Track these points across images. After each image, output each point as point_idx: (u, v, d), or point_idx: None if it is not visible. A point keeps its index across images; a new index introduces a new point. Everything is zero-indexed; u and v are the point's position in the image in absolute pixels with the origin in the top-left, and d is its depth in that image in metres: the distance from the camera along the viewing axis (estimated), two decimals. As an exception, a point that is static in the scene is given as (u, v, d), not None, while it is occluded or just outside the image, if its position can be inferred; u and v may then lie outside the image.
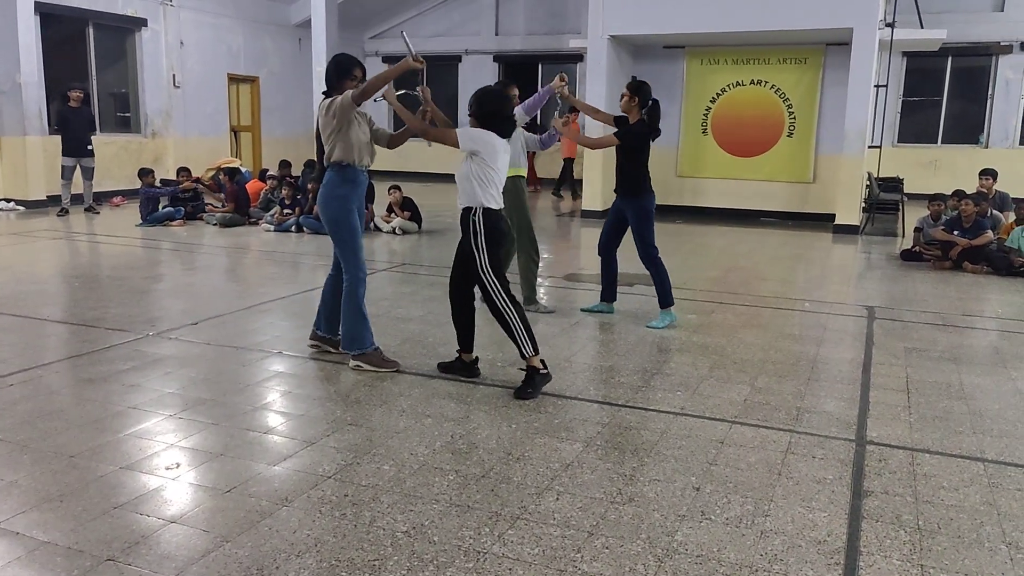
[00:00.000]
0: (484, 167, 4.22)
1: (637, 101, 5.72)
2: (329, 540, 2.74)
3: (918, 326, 6.01)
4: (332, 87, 4.53)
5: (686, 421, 3.95)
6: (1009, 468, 3.47)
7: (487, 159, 4.21)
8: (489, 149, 4.22)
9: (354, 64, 4.57)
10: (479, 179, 4.22)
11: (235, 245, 9.48)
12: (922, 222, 9.14)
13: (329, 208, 4.53)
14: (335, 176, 4.52)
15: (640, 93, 5.73)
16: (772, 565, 2.65)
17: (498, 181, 4.29)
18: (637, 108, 5.74)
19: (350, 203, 4.51)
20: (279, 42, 17.24)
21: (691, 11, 11.35)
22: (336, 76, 4.52)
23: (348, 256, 4.55)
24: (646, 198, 5.83)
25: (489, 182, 4.23)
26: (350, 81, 4.50)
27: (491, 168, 4.23)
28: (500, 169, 4.29)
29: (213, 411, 3.95)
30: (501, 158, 4.28)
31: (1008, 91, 15.43)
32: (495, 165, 4.24)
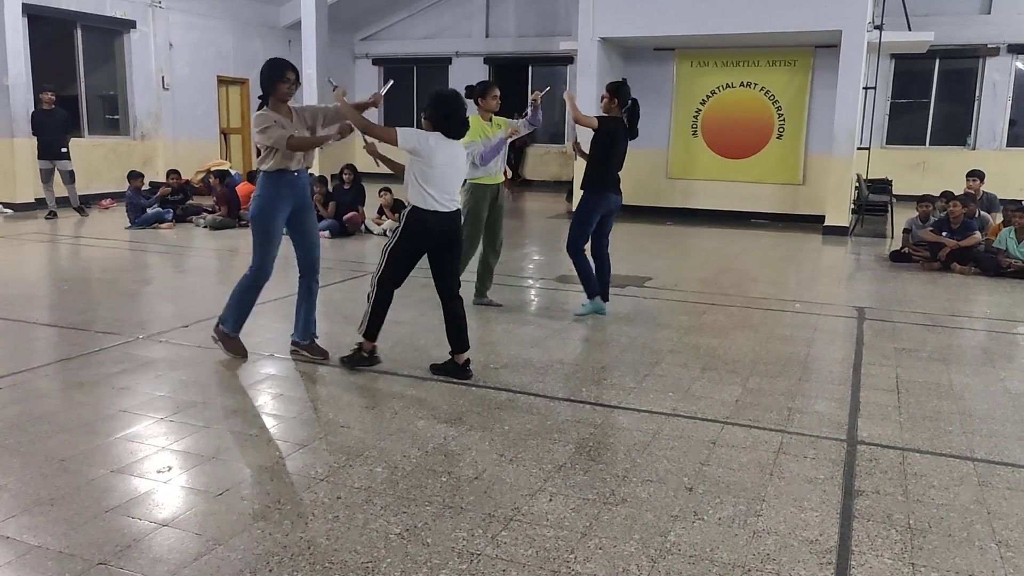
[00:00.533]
0: (421, 166, 4.37)
1: (617, 102, 5.85)
2: (322, 543, 2.73)
3: (907, 327, 6.05)
4: (266, 92, 4.56)
5: (678, 422, 3.96)
6: (998, 467, 3.49)
7: (424, 158, 4.35)
8: (426, 149, 4.35)
9: (286, 68, 4.59)
10: (416, 177, 4.40)
11: (225, 248, 9.45)
12: (911, 223, 9.20)
13: (254, 204, 4.65)
14: (265, 177, 4.60)
15: (619, 94, 5.85)
16: (764, 565, 2.66)
17: (439, 181, 4.39)
18: (617, 108, 5.87)
19: (274, 205, 4.60)
20: (269, 44, 17.18)
21: (681, 13, 11.39)
22: (269, 81, 4.54)
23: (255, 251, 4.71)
24: (593, 195, 5.97)
25: (426, 181, 4.37)
26: (282, 84, 4.53)
27: (429, 167, 4.36)
28: (441, 168, 4.39)
29: (204, 414, 3.93)
30: (441, 158, 4.38)
31: (995, 93, 15.55)
32: (434, 164, 4.36)
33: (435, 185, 4.39)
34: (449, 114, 4.41)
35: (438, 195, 4.41)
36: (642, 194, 13.41)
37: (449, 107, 4.42)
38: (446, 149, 4.42)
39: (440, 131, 4.41)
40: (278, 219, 4.64)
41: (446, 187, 4.44)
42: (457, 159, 4.51)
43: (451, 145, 4.45)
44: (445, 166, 4.41)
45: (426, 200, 4.40)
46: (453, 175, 4.49)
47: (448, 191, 4.46)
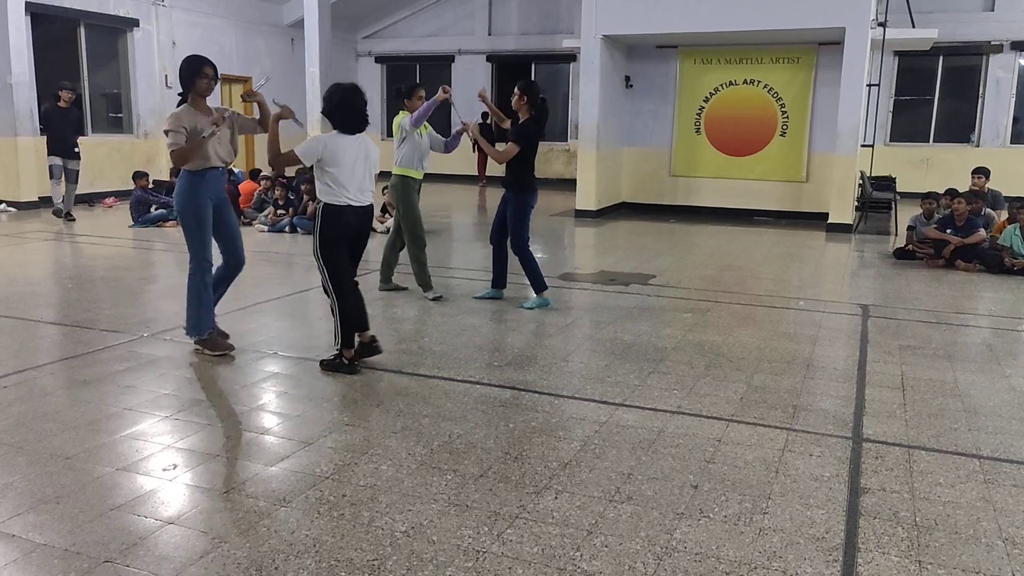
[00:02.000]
0: (326, 171, 4.42)
1: (527, 100, 6.00)
2: (328, 540, 2.73)
3: (912, 324, 6.03)
4: (186, 89, 4.71)
5: (683, 420, 3.95)
6: (1005, 464, 3.48)
7: (328, 162, 4.40)
8: (329, 155, 4.40)
9: (203, 63, 4.74)
10: (327, 179, 4.45)
11: (229, 246, 9.44)
12: (915, 220, 9.18)
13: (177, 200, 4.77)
14: (186, 174, 4.72)
15: (529, 92, 6.02)
16: (771, 562, 2.66)
17: (350, 177, 4.45)
18: (527, 107, 6.02)
19: (197, 200, 4.69)
20: (272, 42, 17.20)
21: (684, 11, 11.36)
22: (187, 78, 4.68)
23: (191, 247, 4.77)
24: (525, 194, 6.19)
25: (336, 182, 4.43)
26: (201, 80, 4.67)
27: (336, 168, 4.41)
28: (350, 166, 4.44)
29: (209, 412, 3.94)
30: (347, 156, 4.42)
31: (999, 90, 15.51)
32: (341, 164, 4.41)
33: (347, 182, 4.44)
34: (344, 108, 4.45)
35: (352, 191, 4.47)
36: (645, 192, 13.42)
37: (345, 101, 4.45)
38: (350, 147, 4.45)
39: (338, 128, 4.46)
40: (203, 212, 4.73)
41: (358, 183, 4.50)
42: (368, 154, 4.53)
43: (354, 141, 4.48)
44: (354, 163, 4.46)
45: (340, 197, 4.44)
46: (364, 170, 4.53)
47: (361, 186, 4.52)
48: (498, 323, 5.81)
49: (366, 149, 4.55)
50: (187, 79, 4.69)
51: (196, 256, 4.77)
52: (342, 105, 4.46)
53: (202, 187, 4.71)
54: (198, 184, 4.70)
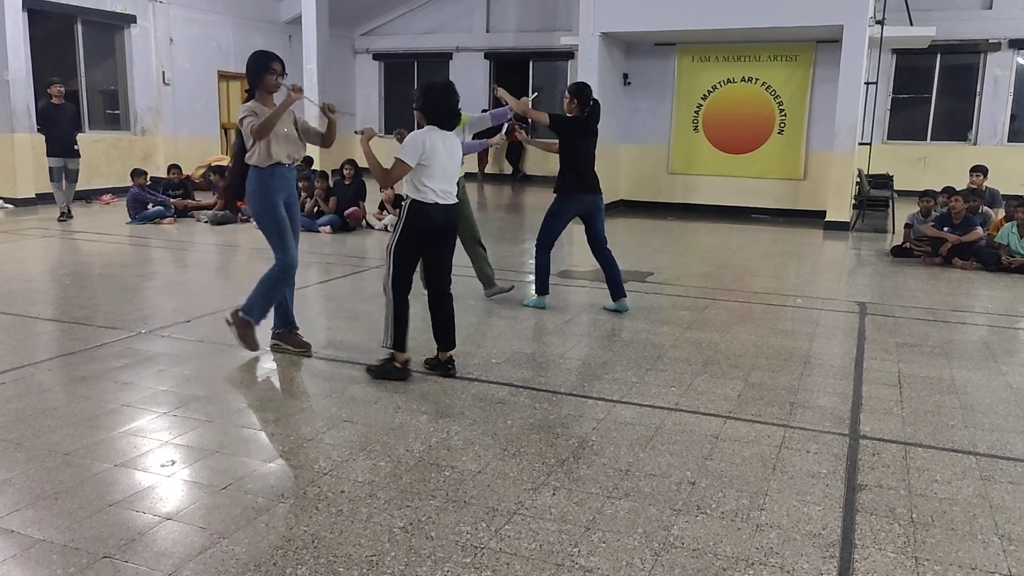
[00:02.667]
0: (422, 166, 4.27)
1: (577, 103, 5.88)
2: (326, 536, 2.74)
3: (909, 321, 6.05)
4: (253, 85, 4.64)
5: (680, 416, 3.96)
6: (1001, 461, 3.50)
7: (425, 159, 4.26)
8: (428, 153, 4.25)
9: (271, 59, 4.65)
10: (415, 179, 4.30)
11: (227, 243, 9.45)
12: (912, 218, 9.19)
13: (252, 199, 4.67)
14: (255, 173, 4.60)
15: (580, 95, 5.89)
16: (768, 558, 2.66)
17: (439, 175, 4.31)
18: (578, 109, 5.89)
19: (271, 198, 4.61)
20: (269, 39, 17.15)
21: (682, 8, 11.36)
22: (255, 73, 4.61)
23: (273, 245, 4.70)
24: (562, 195, 6.03)
25: (426, 177, 4.28)
26: (268, 75, 4.59)
27: (428, 165, 4.27)
28: (442, 163, 4.31)
29: (207, 408, 3.94)
30: (441, 153, 4.30)
31: (996, 88, 15.53)
32: (434, 161, 4.27)
33: (435, 179, 4.30)
34: (440, 104, 4.34)
35: (439, 188, 4.32)
36: (643, 189, 13.42)
37: (440, 97, 4.34)
38: (443, 143, 4.33)
39: (433, 123, 4.33)
40: (278, 212, 4.64)
41: (446, 180, 4.36)
42: (454, 151, 4.42)
43: (446, 137, 4.36)
44: (445, 160, 4.33)
45: (426, 195, 4.30)
46: (452, 168, 4.41)
47: (448, 184, 4.38)
48: (496, 321, 5.82)
49: (456, 146, 4.46)
50: (255, 75, 4.60)
51: (279, 258, 4.67)
52: (439, 103, 4.33)
53: (272, 185, 4.59)
54: (268, 182, 4.58)
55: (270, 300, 4.73)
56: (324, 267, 8.07)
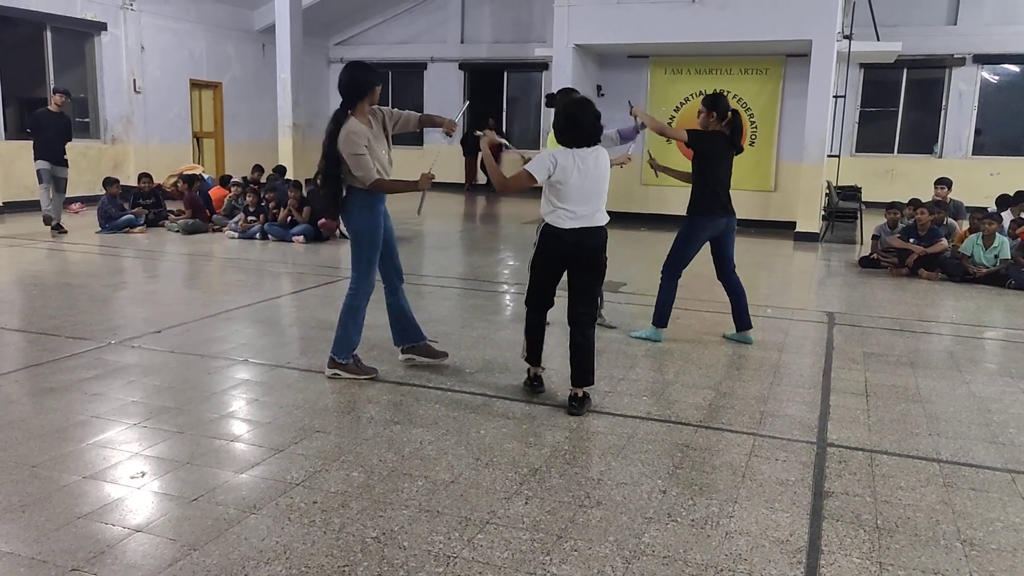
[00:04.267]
0: (554, 186, 4.10)
1: (715, 116, 5.44)
2: (298, 547, 2.73)
3: (876, 331, 6.16)
4: (357, 98, 4.38)
5: (652, 425, 4.00)
6: (963, 468, 3.57)
7: (558, 179, 4.07)
8: (559, 171, 4.06)
9: (374, 81, 4.43)
10: (547, 191, 4.16)
11: (198, 252, 9.37)
12: (879, 230, 9.36)
13: (356, 217, 4.48)
14: (355, 193, 4.44)
15: (717, 107, 5.43)
16: (737, 565, 2.70)
17: (574, 195, 4.07)
18: (717, 122, 5.45)
19: (377, 220, 4.49)
20: (242, 48, 17.10)
21: (654, 21, 11.50)
22: (361, 89, 4.37)
23: (360, 268, 4.53)
24: (699, 219, 5.63)
25: (558, 196, 4.10)
26: (373, 93, 4.41)
27: (562, 185, 4.07)
28: (576, 184, 4.07)
29: (178, 419, 3.91)
30: (574, 174, 4.06)
31: (961, 102, 15.87)
32: (567, 182, 4.06)
33: (571, 201, 4.08)
34: (568, 125, 4.11)
35: (575, 210, 4.08)
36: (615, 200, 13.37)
37: (568, 117, 4.12)
38: (577, 162, 4.07)
39: (567, 143, 4.10)
40: (378, 232, 4.51)
41: (583, 202, 4.10)
42: (594, 170, 4.10)
43: (583, 157, 4.07)
44: (580, 181, 4.06)
45: (557, 216, 4.11)
46: (592, 187, 4.11)
47: (585, 207, 4.10)
48: (469, 331, 5.83)
49: (596, 165, 4.13)
50: (364, 87, 4.35)
51: (363, 275, 4.52)
52: (567, 124, 4.12)
53: (378, 203, 4.47)
54: (374, 202, 4.45)
55: (348, 329, 4.57)
56: (297, 277, 8.03)
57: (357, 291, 4.55)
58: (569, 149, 4.08)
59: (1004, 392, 4.68)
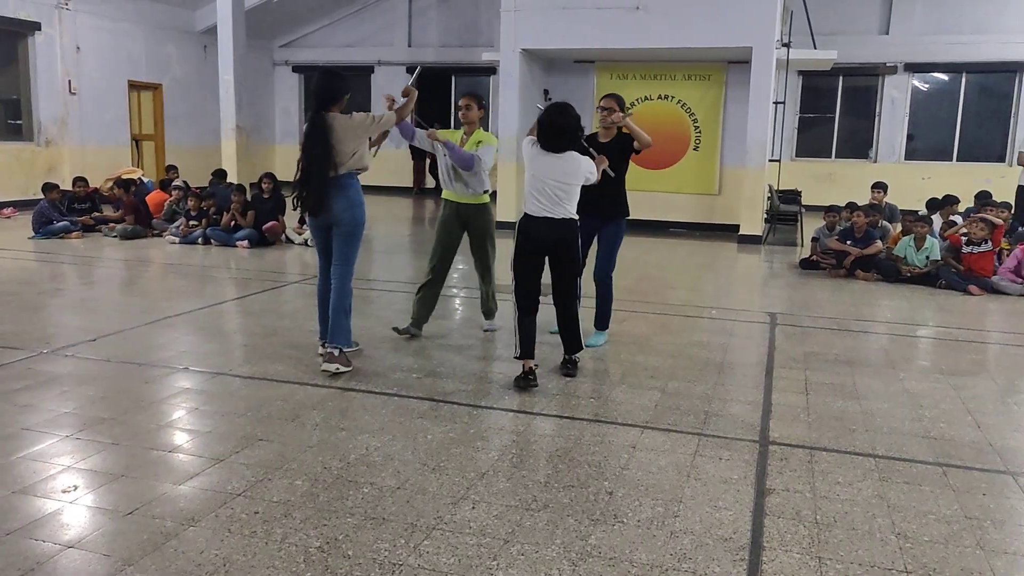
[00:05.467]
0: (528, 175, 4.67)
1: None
2: (238, 559, 2.67)
3: (816, 331, 6.31)
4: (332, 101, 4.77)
5: (599, 427, 4.03)
6: (898, 463, 3.68)
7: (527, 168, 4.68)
8: (525, 154, 4.71)
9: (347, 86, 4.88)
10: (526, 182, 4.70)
11: (137, 258, 9.13)
12: (819, 232, 9.60)
13: (359, 211, 4.82)
14: (357, 183, 4.84)
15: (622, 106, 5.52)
16: (681, 564, 2.73)
17: (535, 186, 4.60)
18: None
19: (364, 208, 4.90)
20: (183, 49, 16.72)
21: (600, 27, 11.61)
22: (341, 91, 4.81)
23: (352, 258, 4.90)
24: (624, 219, 5.78)
25: (528, 189, 4.64)
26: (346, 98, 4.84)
27: (527, 172, 4.67)
28: (534, 176, 4.62)
29: (113, 430, 3.79)
30: (534, 166, 4.64)
31: (894, 109, 16.40)
32: (529, 170, 4.67)
33: (536, 193, 4.59)
34: (542, 123, 4.60)
35: (536, 200, 4.60)
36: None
37: (542, 118, 4.61)
38: (544, 160, 4.60)
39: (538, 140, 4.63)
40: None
41: (544, 194, 4.58)
42: (556, 170, 4.58)
43: (548, 156, 4.59)
44: (540, 173, 4.59)
45: (527, 203, 4.62)
46: (556, 186, 4.57)
47: (547, 198, 4.57)
48: (418, 336, 5.78)
49: (560, 167, 4.59)
50: (340, 93, 4.79)
51: (353, 266, 4.92)
52: (541, 122, 4.61)
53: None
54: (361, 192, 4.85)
55: (349, 318, 4.95)
56: (242, 282, 7.88)
57: (349, 280, 4.89)
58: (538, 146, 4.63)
59: (935, 388, 4.83)
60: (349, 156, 4.72)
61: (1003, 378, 5.20)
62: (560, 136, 4.58)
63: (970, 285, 8.05)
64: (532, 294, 4.69)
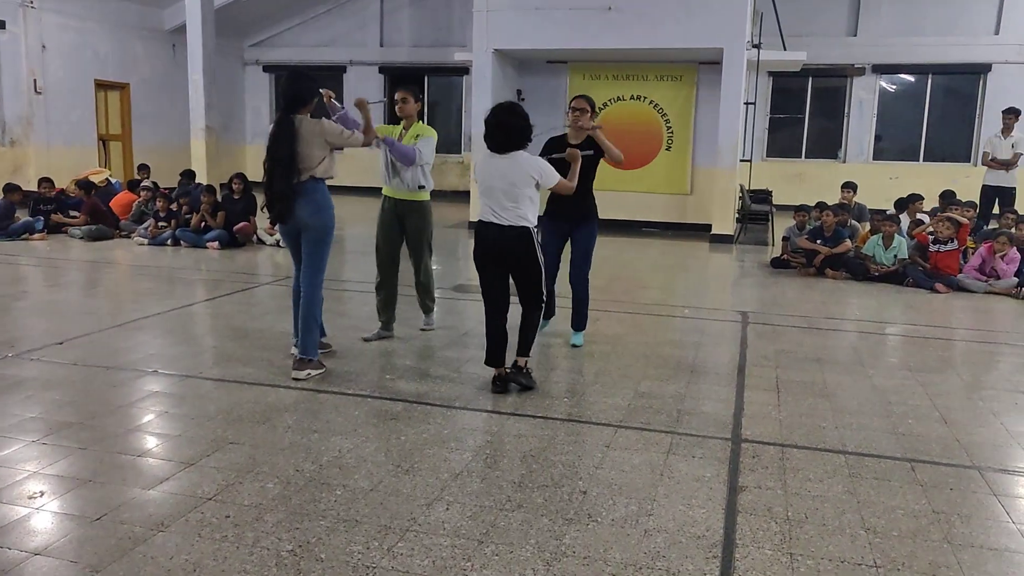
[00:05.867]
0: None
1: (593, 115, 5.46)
2: (209, 564, 2.63)
3: (787, 329, 6.37)
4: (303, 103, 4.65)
5: (573, 427, 4.04)
6: (867, 459, 3.73)
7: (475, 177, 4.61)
8: (476, 168, 4.61)
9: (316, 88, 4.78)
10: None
11: (104, 260, 8.99)
12: (789, 231, 9.71)
13: (326, 215, 4.69)
14: (323, 187, 4.71)
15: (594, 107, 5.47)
16: (655, 562, 2.75)
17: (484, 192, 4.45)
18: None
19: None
20: (151, 48, 16.49)
21: (572, 27, 11.65)
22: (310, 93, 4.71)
23: (322, 265, 4.78)
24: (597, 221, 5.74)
25: (480, 196, 4.52)
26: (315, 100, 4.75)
27: (478, 182, 4.53)
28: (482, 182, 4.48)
29: (81, 435, 3.72)
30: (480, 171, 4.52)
31: (862, 110, 16.62)
32: (478, 177, 4.54)
33: (485, 198, 4.46)
34: (487, 123, 4.43)
35: (485, 205, 4.46)
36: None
37: (490, 116, 4.43)
38: (488, 163, 4.46)
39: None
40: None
41: (492, 199, 4.42)
42: (502, 173, 4.39)
43: (497, 159, 4.43)
44: (486, 177, 4.43)
45: (481, 211, 4.48)
46: (503, 191, 4.38)
47: (495, 203, 4.41)
48: (390, 337, 5.76)
49: (505, 170, 4.39)
50: (309, 95, 4.68)
51: (323, 272, 4.80)
52: (487, 122, 4.44)
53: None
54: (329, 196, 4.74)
55: (319, 325, 4.84)
56: (212, 284, 7.79)
57: (319, 287, 4.77)
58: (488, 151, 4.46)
59: (903, 385, 4.91)
60: (316, 162, 4.59)
61: (969, 374, 5.29)
62: (505, 136, 4.38)
63: (936, 283, 8.19)
64: (496, 301, 4.55)
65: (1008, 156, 10.82)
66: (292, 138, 4.53)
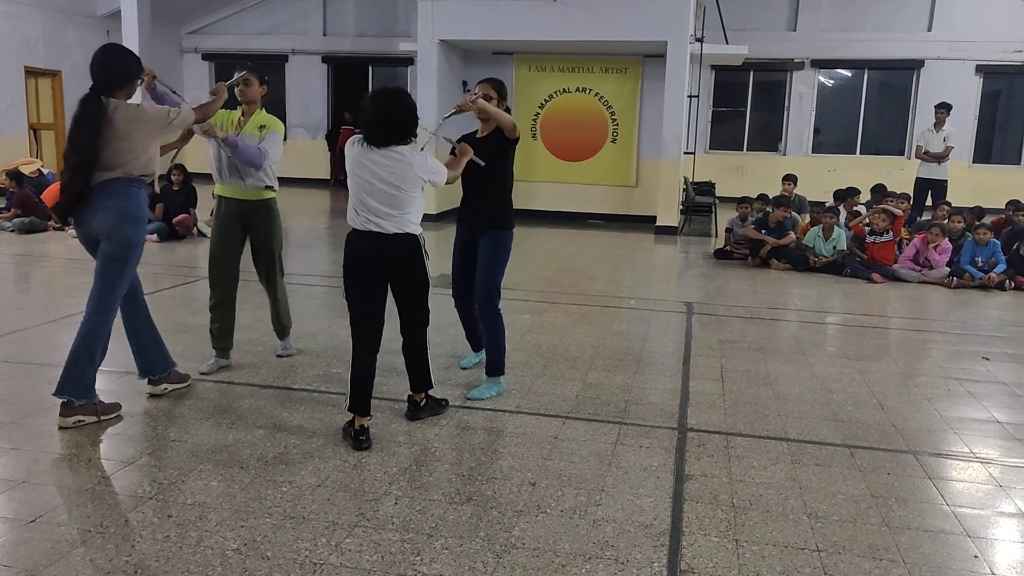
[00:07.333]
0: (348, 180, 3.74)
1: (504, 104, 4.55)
2: (151, 565, 2.56)
3: (730, 319, 6.49)
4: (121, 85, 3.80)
5: (521, 419, 4.04)
6: (808, 446, 3.82)
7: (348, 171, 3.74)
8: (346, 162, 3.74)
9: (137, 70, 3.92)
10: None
11: (36, 253, 8.66)
12: (732, 223, 9.88)
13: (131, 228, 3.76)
14: (137, 191, 3.78)
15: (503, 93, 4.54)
16: (604, 552, 2.77)
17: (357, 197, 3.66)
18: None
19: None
20: (84, 34, 15.90)
21: (518, 19, 11.63)
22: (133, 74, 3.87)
23: (116, 290, 3.80)
24: (511, 229, 4.50)
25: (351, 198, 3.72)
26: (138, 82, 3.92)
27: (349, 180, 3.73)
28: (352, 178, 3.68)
29: (12, 435, 3.59)
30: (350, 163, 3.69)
31: (801, 104, 17.00)
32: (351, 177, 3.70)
33: (357, 201, 3.65)
34: (364, 110, 3.60)
35: (360, 211, 3.64)
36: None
37: (369, 104, 3.59)
38: (358, 155, 3.62)
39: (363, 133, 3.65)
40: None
41: (373, 203, 3.60)
42: (381, 170, 3.58)
43: (373, 154, 3.58)
44: (364, 176, 3.60)
45: (349, 215, 3.69)
46: (384, 192, 3.59)
47: (373, 208, 3.61)
48: (337, 330, 5.69)
49: (389, 167, 3.59)
50: (128, 76, 3.82)
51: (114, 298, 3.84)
52: (364, 108, 3.59)
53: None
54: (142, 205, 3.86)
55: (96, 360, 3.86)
56: (151, 278, 7.57)
57: (108, 317, 3.82)
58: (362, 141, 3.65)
59: (843, 373, 5.04)
60: (130, 157, 3.70)
61: (904, 361, 5.47)
62: (385, 126, 3.57)
63: (873, 273, 8.44)
64: (370, 327, 3.73)
65: (940, 150, 11.22)
66: (99, 124, 3.64)
